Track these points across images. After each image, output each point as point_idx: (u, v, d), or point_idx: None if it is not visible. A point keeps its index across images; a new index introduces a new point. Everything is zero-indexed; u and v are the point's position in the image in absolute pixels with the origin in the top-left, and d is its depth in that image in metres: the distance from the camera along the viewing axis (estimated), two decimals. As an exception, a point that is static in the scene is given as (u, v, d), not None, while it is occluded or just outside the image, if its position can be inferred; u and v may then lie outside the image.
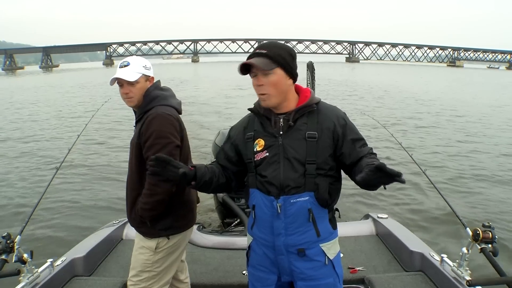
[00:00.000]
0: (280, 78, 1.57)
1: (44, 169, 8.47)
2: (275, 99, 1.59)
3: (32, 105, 21.65)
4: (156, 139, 1.92)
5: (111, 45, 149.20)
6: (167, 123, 1.96)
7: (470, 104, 21.04)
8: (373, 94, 24.96)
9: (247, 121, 1.77)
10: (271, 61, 1.54)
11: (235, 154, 1.77)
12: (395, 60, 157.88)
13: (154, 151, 1.87)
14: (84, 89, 32.28)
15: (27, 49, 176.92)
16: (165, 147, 1.90)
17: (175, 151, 1.94)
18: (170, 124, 1.97)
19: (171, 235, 2.07)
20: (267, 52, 1.55)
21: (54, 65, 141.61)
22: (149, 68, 2.13)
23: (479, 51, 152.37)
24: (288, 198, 1.59)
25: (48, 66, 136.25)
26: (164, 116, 1.97)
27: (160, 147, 1.90)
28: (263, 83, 1.56)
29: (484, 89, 34.26)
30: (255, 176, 1.67)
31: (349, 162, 1.63)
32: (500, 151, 10.12)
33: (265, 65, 1.53)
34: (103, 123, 13.84)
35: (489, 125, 14.36)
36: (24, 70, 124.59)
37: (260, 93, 1.59)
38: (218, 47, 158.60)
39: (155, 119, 1.95)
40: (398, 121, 14.56)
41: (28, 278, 2.28)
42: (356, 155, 1.62)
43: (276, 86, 1.57)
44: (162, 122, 1.95)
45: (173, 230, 2.08)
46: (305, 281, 1.65)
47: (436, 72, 72.55)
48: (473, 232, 2.13)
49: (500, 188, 7.21)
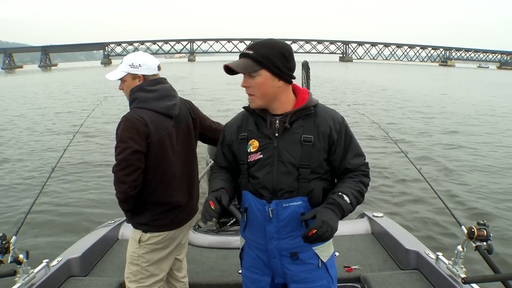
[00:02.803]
0: (265, 80, 1.51)
1: (39, 169, 8.41)
2: (260, 101, 1.55)
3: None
4: (118, 143, 1.95)
5: (109, 45, 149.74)
6: (130, 127, 1.94)
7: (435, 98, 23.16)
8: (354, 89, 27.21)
9: (240, 119, 1.71)
10: (255, 63, 1.49)
11: (232, 155, 1.74)
12: (388, 60, 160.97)
13: (115, 154, 1.94)
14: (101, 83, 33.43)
15: (26, 48, 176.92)
16: (122, 152, 1.91)
17: (132, 156, 1.92)
18: (133, 128, 1.94)
19: (148, 232, 2.09)
20: (253, 53, 1.50)
21: (53, 64, 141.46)
22: (137, 66, 2.06)
23: (471, 51, 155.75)
24: (280, 202, 1.56)
25: (47, 65, 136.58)
26: (130, 120, 1.96)
27: (119, 151, 1.93)
28: (249, 84, 1.53)
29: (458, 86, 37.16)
30: (247, 178, 1.64)
31: (337, 172, 1.64)
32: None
33: (246, 68, 1.50)
34: (99, 122, 13.80)
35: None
36: (23, 69, 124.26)
37: (248, 94, 1.57)
38: (214, 46, 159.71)
39: (122, 122, 1.97)
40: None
41: (24, 278, 2.26)
42: (343, 166, 1.61)
43: (260, 88, 1.52)
44: (125, 126, 1.95)
45: (149, 227, 2.09)
46: (298, 283, 1.65)
47: (419, 70, 75.92)
48: (468, 230, 2.14)
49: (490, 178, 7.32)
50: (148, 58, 2.11)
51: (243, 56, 1.54)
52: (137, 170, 1.94)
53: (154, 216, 2.09)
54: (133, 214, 2.10)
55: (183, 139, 2.17)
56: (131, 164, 1.92)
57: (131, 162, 1.92)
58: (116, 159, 1.94)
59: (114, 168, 1.94)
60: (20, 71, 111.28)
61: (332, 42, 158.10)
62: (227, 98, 20.99)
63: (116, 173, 1.94)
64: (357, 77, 42.38)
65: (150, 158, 2.01)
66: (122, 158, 1.91)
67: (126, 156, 1.91)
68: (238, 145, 1.67)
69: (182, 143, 2.17)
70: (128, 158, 1.91)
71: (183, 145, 2.18)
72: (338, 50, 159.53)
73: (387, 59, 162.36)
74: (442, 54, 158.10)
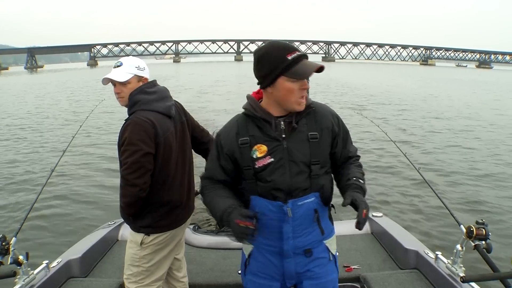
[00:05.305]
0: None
1: (39, 170, 8.40)
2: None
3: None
4: (126, 146, 1.94)
5: (95, 46, 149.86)
6: (139, 130, 1.95)
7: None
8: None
9: (236, 125, 1.64)
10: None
11: (232, 165, 1.65)
12: (370, 59, 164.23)
13: (124, 158, 1.94)
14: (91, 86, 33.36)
15: (11, 50, 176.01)
16: (133, 155, 1.92)
17: (143, 159, 1.93)
18: (142, 130, 1.95)
19: (151, 234, 2.10)
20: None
21: (39, 65, 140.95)
22: (143, 68, 2.12)
23: (450, 50, 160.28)
24: (295, 201, 1.56)
25: (33, 66, 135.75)
26: (137, 123, 1.96)
27: (129, 154, 1.92)
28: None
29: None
30: (254, 182, 1.60)
31: (339, 162, 1.72)
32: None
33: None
34: (98, 124, 13.82)
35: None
36: (8, 71, 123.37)
37: (303, 96, 1.56)
38: (199, 47, 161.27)
39: (129, 125, 1.97)
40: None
41: (24, 280, 2.27)
42: (345, 155, 1.72)
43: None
44: (134, 128, 1.95)
45: (153, 229, 2.10)
46: (312, 279, 1.66)
47: (404, 69, 78.16)
48: (467, 229, 2.15)
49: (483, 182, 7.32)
50: (143, 61, 2.17)
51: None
52: (147, 172, 1.96)
53: (158, 217, 2.10)
54: (134, 218, 2.09)
55: (180, 138, 2.21)
56: (142, 167, 1.93)
57: (142, 165, 1.93)
58: (125, 162, 1.93)
59: (124, 171, 1.94)
60: (6, 72, 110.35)
61: (314, 43, 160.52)
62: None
63: (126, 176, 1.93)
64: (339, 76, 43.74)
65: (157, 159, 2.02)
66: (133, 161, 1.91)
67: (137, 158, 1.91)
68: (240, 152, 1.61)
69: (180, 142, 2.20)
70: (139, 160, 1.92)
71: (181, 144, 2.21)
72: (320, 50, 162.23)
73: (369, 59, 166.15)
74: (423, 53, 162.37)
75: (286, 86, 1.50)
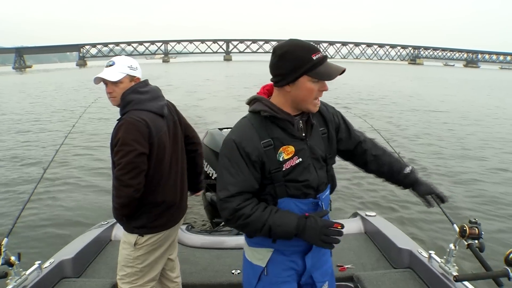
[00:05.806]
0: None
1: (31, 170, 8.32)
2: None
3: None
4: (120, 146, 1.93)
5: (84, 46, 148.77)
6: (133, 130, 1.94)
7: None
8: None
9: (252, 129, 1.53)
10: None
11: (259, 172, 1.53)
12: (358, 59, 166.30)
13: (118, 158, 1.93)
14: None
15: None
16: (127, 155, 1.91)
17: (138, 159, 1.93)
18: (136, 130, 1.94)
19: (145, 234, 2.09)
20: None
21: (27, 66, 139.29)
22: (135, 68, 2.11)
23: (438, 49, 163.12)
24: (321, 195, 1.63)
25: (21, 67, 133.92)
26: (131, 122, 1.95)
27: (123, 154, 1.91)
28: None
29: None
30: (283, 185, 1.54)
31: (347, 148, 1.81)
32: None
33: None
34: (92, 123, 13.74)
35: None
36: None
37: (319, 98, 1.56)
38: (188, 47, 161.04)
39: (123, 125, 1.96)
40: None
41: (16, 280, 2.24)
42: (355, 140, 1.82)
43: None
44: (128, 128, 1.94)
45: (147, 229, 2.10)
46: (319, 269, 1.71)
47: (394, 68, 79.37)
48: (460, 228, 2.16)
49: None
50: (135, 61, 2.17)
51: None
52: (141, 173, 1.95)
53: (152, 217, 2.09)
54: (128, 218, 2.08)
55: (173, 138, 2.20)
56: (137, 167, 1.92)
57: (136, 165, 1.92)
58: (119, 163, 1.91)
59: (117, 172, 1.92)
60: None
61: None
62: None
63: (120, 177, 1.91)
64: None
65: (151, 159, 2.01)
66: (127, 161, 1.90)
67: (131, 159, 1.90)
68: (266, 156, 1.51)
69: (173, 141, 2.20)
70: (133, 161, 1.91)
71: (174, 144, 2.20)
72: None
73: (357, 58, 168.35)
74: (411, 52, 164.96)
75: (307, 86, 1.48)
